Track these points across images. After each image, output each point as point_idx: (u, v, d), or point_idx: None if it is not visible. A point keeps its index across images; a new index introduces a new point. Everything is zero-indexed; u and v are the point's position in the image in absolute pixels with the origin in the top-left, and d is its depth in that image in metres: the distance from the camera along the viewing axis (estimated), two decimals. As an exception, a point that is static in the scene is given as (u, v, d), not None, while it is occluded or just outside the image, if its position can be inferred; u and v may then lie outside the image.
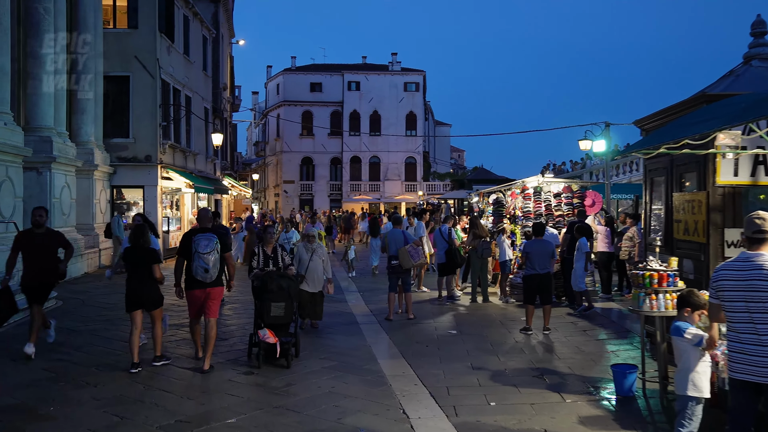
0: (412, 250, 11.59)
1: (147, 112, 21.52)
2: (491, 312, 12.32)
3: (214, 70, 30.88)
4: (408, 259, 11.41)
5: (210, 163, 29.12)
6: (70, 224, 17.39)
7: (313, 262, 10.24)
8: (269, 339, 7.77)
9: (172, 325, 9.98)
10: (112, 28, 21.59)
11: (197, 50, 27.23)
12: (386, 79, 59.46)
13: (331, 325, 11.02)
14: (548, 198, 14.05)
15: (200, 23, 27.62)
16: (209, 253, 7.45)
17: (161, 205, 21.97)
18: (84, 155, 19.22)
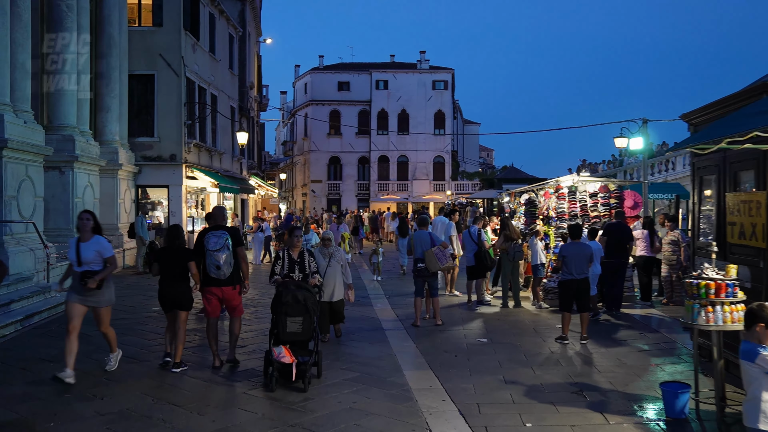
0: (439, 252, 11.00)
1: (172, 111, 21.27)
2: (523, 318, 11.67)
3: (241, 69, 30.62)
4: (434, 262, 10.83)
5: (236, 162, 28.86)
6: (93, 224, 17.16)
7: (331, 268, 9.52)
8: (285, 359, 6.92)
9: (189, 330, 9.55)
10: (137, 26, 21.41)
11: (223, 48, 26.98)
12: (414, 78, 58.83)
13: (355, 331, 10.49)
14: (584, 198, 13.33)
15: (226, 21, 27.36)
16: (219, 250, 7.53)
17: (186, 205, 21.71)
18: (108, 154, 19.03)
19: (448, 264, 11.25)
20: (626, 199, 13.24)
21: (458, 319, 11.68)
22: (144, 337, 9.81)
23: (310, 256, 8.41)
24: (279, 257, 8.34)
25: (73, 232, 15.69)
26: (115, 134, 19.47)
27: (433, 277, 11.13)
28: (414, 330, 10.65)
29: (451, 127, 60.08)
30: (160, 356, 8.35)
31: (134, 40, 20.93)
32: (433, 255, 10.90)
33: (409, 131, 58.05)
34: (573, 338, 9.54)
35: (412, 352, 9.13)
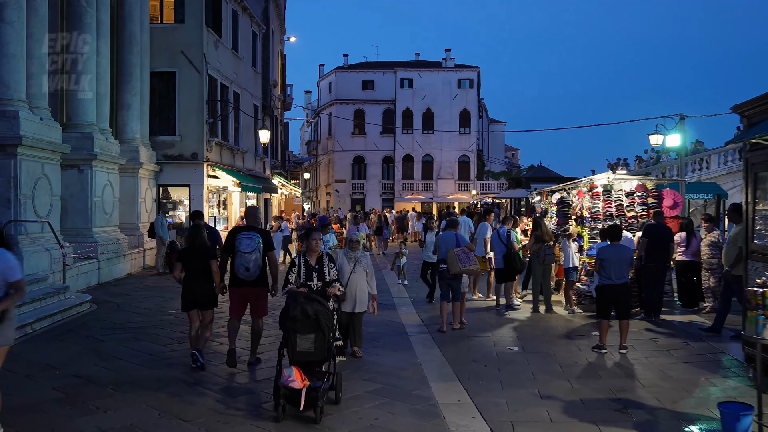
0: (462, 254, 10.41)
1: (193, 109, 20.94)
2: (556, 324, 11.01)
3: (264, 67, 30.28)
4: (456, 264, 10.25)
5: (259, 161, 28.52)
6: (113, 224, 16.88)
7: (356, 274, 8.43)
8: (294, 383, 5.89)
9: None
10: (158, 23, 21.12)
11: (246, 46, 26.64)
12: (439, 76, 58.10)
13: (378, 337, 9.94)
14: (620, 197, 12.60)
15: (249, 18, 27.02)
16: (250, 252, 7.50)
17: (207, 204, 21.36)
18: (129, 153, 18.74)
19: (471, 267, 10.55)
20: (665, 198, 12.48)
21: (487, 325, 11.08)
22: (157, 342, 9.36)
23: (330, 261, 7.61)
24: (294, 264, 7.49)
25: (92, 232, 15.42)
26: (135, 132, 19.18)
27: (456, 280, 10.55)
28: (440, 336, 10.08)
29: (477, 125, 59.27)
30: (172, 364, 7.92)
31: (156, 37, 20.65)
32: (455, 256, 10.34)
33: (434, 130, 57.34)
34: (611, 347, 8.88)
35: (438, 361, 8.55)
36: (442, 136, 56.87)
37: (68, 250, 13.51)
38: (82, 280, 14.15)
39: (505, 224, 12.70)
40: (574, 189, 13.89)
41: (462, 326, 10.66)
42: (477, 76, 58.67)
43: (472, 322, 11.20)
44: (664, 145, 17.72)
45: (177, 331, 10.05)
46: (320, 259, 7.49)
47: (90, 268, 14.73)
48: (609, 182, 12.73)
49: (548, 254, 12.00)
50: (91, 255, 15.03)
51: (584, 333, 10.18)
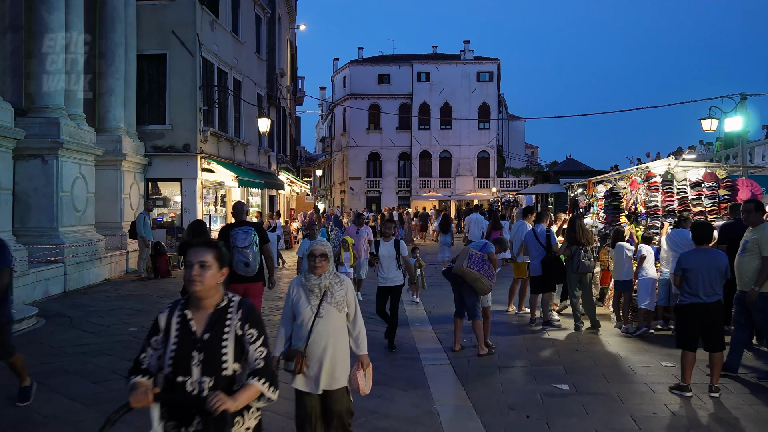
0: (479, 260, 8.20)
1: (186, 95, 18.81)
2: (611, 350, 8.63)
3: (270, 54, 28.12)
4: (462, 260, 8.24)
5: (263, 155, 26.34)
6: (87, 222, 14.76)
7: (322, 321, 4.31)
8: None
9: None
10: (147, 1, 18.97)
11: (249, 30, 24.48)
12: (458, 69, 55.55)
13: (383, 365, 7.66)
14: (683, 188, 10.21)
15: (252, 0, 24.85)
16: (248, 246, 7.42)
17: (202, 201, 19.22)
18: (110, 143, 16.67)
19: (478, 276, 8.09)
20: (741, 189, 10.04)
21: (522, 349, 8.76)
22: (93, 377, 7.12)
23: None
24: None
25: (58, 232, 13.32)
26: (119, 120, 17.08)
27: (468, 291, 8.31)
28: (463, 365, 7.81)
29: (497, 120, 56.71)
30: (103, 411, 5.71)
31: (144, 16, 18.57)
32: (466, 254, 8.23)
33: (452, 125, 54.98)
34: (697, 388, 6.52)
35: (462, 407, 6.27)
36: (461, 131, 54.59)
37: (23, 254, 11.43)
38: (39, 289, 12.04)
39: (541, 222, 10.34)
40: (622, 180, 11.51)
41: (489, 351, 8.37)
42: (497, 68, 56.07)
43: (503, 345, 8.92)
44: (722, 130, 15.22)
45: (126, 359, 7.82)
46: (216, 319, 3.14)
47: (53, 274, 12.62)
48: (670, 170, 10.33)
49: (581, 261, 9.63)
50: (55, 258, 12.93)
51: (651, 364, 7.81)
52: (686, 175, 10.29)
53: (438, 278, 15.34)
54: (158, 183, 19.10)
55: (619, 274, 9.78)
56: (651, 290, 9.29)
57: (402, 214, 28.83)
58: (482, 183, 54.91)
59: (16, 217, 13.08)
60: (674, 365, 7.58)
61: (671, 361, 7.73)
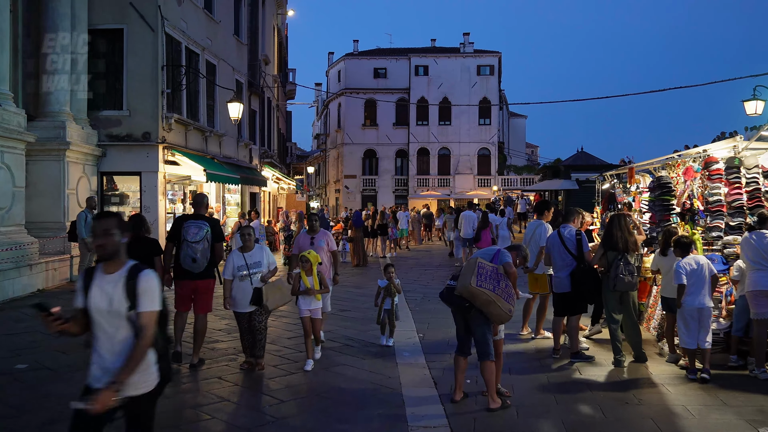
0: (491, 273, 5.76)
1: (146, 77, 16.33)
2: (674, 402, 6.13)
3: (252, 39, 25.64)
4: (467, 275, 5.73)
5: (243, 148, 23.84)
6: (13, 222, 12.31)
7: None
8: None
9: None
10: (101, -32, 16.50)
11: (226, 10, 22.02)
12: (457, 63, 53.05)
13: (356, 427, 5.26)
14: (755, 177, 7.76)
15: (230, -24, 22.44)
16: (198, 242, 7.00)
17: (164, 198, 16.75)
18: (51, 129, 14.28)
19: (493, 299, 5.67)
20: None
21: (547, 398, 6.29)
22: None
23: None
24: None
25: (-31, 234, 10.82)
26: (63, 104, 14.65)
27: (475, 319, 5.87)
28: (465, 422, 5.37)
29: (498, 116, 54.24)
30: None
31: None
32: (473, 267, 5.79)
33: (452, 121, 52.66)
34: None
35: None
36: (461, 127, 52.27)
37: None
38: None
39: (568, 221, 7.86)
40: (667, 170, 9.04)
41: (503, 404, 5.91)
42: (498, 62, 53.58)
43: (521, 390, 6.48)
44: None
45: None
46: None
47: (-44, 287, 10.17)
48: (736, 155, 7.87)
49: (619, 275, 7.17)
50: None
51: (740, 427, 5.35)
52: (759, 160, 7.84)
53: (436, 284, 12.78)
54: (114, 177, 16.62)
55: (669, 289, 7.32)
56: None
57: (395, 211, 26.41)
58: (483, 181, 52.47)
59: None
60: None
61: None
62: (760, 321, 6.71)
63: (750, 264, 6.70)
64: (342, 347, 8.39)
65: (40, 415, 5.66)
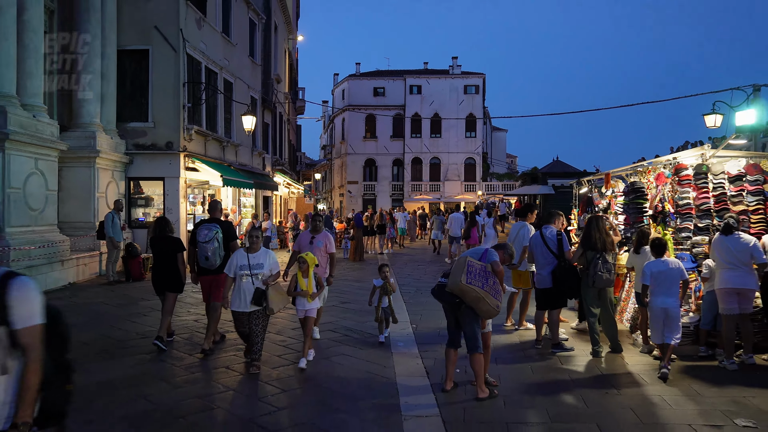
0: (480, 271, 5.33)
1: (169, 92, 15.88)
2: (652, 392, 5.70)
3: (265, 60, 25.18)
4: (457, 273, 5.30)
5: (257, 156, 23.37)
6: (46, 222, 11.84)
7: None
8: None
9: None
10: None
11: (242, 33, 21.55)
12: (446, 83, 52.66)
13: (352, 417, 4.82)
14: (721, 183, 7.34)
15: (246, 4, 21.93)
16: (208, 242, 6.93)
17: (185, 200, 16.29)
18: (83, 139, 13.80)
19: (481, 295, 5.23)
20: (791, 184, 7.21)
21: (532, 387, 5.86)
22: None
23: None
24: None
25: (5, 233, 10.38)
26: (94, 116, 14.19)
27: (466, 314, 5.45)
28: (458, 422, 4.92)
29: (482, 129, 53.77)
30: None
31: (125, 11, 15.65)
32: (463, 265, 5.33)
33: (442, 134, 52.22)
34: None
35: None
36: (449, 139, 51.87)
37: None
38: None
39: (550, 223, 7.44)
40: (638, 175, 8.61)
41: (490, 394, 5.49)
42: (482, 82, 53.14)
43: (507, 380, 6.05)
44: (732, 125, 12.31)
45: None
46: None
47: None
48: (704, 162, 7.45)
49: (598, 273, 6.76)
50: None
51: (718, 420, 4.92)
52: (725, 167, 7.42)
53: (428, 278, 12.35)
54: (140, 182, 16.14)
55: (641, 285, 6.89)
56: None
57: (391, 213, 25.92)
58: (469, 187, 52.04)
59: (-46, 216, 10.20)
60: (757, 427, 4.70)
61: (746, 418, 4.85)
62: (728, 316, 6.30)
63: (722, 263, 6.28)
64: (342, 337, 7.95)
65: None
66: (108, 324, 8.56)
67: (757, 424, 4.73)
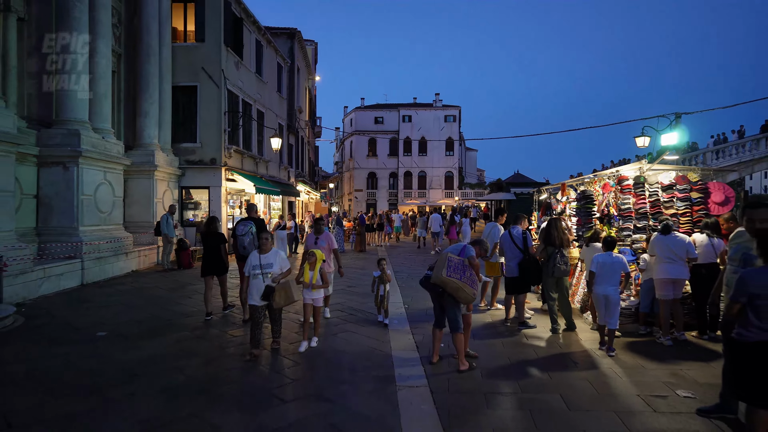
0: (458, 265, 4.88)
1: (213, 119, 15.41)
2: (606, 367, 5.28)
3: (290, 95, 24.69)
4: (440, 268, 4.89)
5: (283, 170, 22.89)
6: (113, 222, 11.36)
7: None
8: None
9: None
10: (182, 42, 15.58)
11: (271, 74, 21.08)
12: (431, 113, 52.18)
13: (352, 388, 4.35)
14: (656, 191, 6.90)
15: (274, 51, 21.45)
16: (244, 235, 6.98)
17: (226, 205, 15.82)
18: (144, 156, 13.31)
19: (461, 286, 4.84)
20: (713, 192, 6.77)
21: (503, 359, 5.41)
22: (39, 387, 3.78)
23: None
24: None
25: (78, 231, 9.90)
26: (153, 138, 13.70)
27: (449, 301, 5.02)
28: (443, 391, 4.47)
29: (458, 149, 53.29)
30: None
31: (179, 55, 15.19)
32: (444, 261, 4.82)
33: (427, 153, 51.73)
34: None
35: None
36: (433, 157, 51.37)
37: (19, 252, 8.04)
38: (48, 285, 8.65)
39: (517, 224, 6.99)
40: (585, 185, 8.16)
41: (470, 366, 5.04)
42: (459, 112, 52.67)
43: (483, 353, 5.59)
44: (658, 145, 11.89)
45: (54, 381, 4.48)
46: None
47: (68, 269, 9.24)
48: (642, 174, 7.01)
49: (557, 265, 6.33)
50: (74, 255, 9.55)
51: (663, 392, 4.49)
52: (658, 178, 6.97)
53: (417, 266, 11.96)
54: (191, 190, 15.67)
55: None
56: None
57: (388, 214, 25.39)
58: (448, 194, 51.54)
59: (40, 218, 9.72)
60: (695, 397, 4.26)
61: (686, 389, 4.42)
62: (665, 301, 5.86)
63: (661, 258, 5.83)
64: (347, 316, 7.50)
65: (101, 377, 4.76)
66: (160, 306, 8.10)
67: (695, 395, 4.29)
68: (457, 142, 52.31)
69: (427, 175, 52.19)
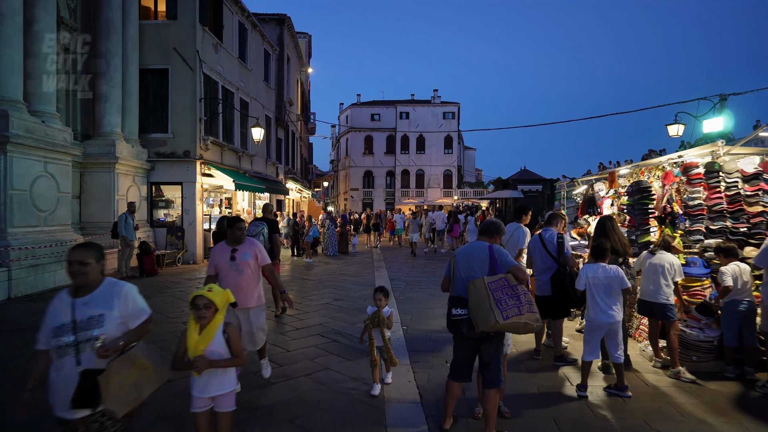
0: (503, 287, 3.09)
1: (186, 107, 13.66)
2: (675, 412, 3.57)
3: (279, 85, 22.93)
4: (485, 308, 2.99)
5: (271, 166, 21.14)
6: (57, 222, 9.59)
7: None
8: None
9: None
10: (151, 20, 13.81)
11: (257, 61, 19.33)
12: (429, 110, 50.49)
13: None
14: (735, 183, 5.21)
15: (260, 36, 19.69)
16: (255, 235, 6.61)
17: (201, 203, 14.06)
18: (104, 147, 11.56)
19: (523, 320, 3.07)
20: (812, 183, 5.09)
21: (542, 416, 3.68)
22: None
23: None
24: None
25: (6, 234, 8.11)
26: (114, 126, 11.95)
27: (487, 343, 3.25)
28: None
29: (457, 147, 51.63)
30: None
31: (147, 34, 13.43)
32: (485, 290, 2.99)
33: (425, 151, 50.08)
34: None
35: None
36: (431, 155, 49.71)
37: None
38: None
39: (551, 225, 5.28)
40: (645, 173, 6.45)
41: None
42: (457, 109, 51.01)
43: (512, 402, 3.86)
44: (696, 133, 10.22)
45: None
46: None
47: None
48: (716, 159, 5.30)
49: None
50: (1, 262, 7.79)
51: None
52: (738, 164, 5.27)
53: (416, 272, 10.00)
54: (161, 186, 13.91)
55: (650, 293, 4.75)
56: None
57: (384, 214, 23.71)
58: (447, 192, 49.89)
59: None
60: None
61: None
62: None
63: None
64: (328, 344, 5.77)
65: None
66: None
67: None
68: (456, 140, 50.65)
69: (425, 173, 50.47)
